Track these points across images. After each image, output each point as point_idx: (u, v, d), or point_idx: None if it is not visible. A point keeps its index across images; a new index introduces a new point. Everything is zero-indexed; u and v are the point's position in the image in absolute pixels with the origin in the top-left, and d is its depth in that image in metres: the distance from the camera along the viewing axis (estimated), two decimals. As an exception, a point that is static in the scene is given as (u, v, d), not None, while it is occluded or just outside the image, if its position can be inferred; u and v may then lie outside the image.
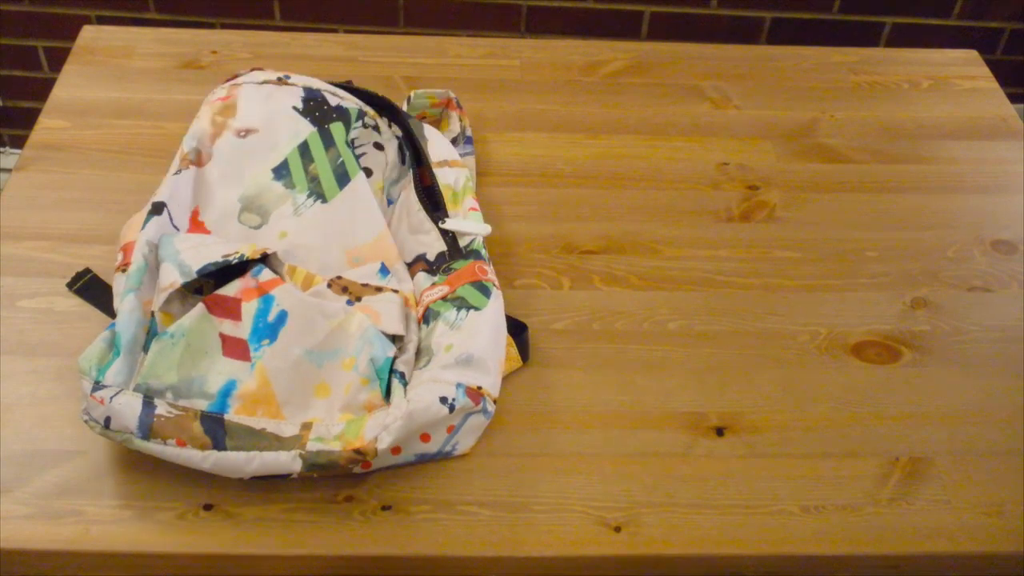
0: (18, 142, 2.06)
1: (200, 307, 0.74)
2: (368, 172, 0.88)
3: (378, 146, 0.89)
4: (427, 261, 0.84)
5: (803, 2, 1.78)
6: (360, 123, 0.89)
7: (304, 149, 0.86)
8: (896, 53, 1.19)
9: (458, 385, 0.73)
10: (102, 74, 1.08)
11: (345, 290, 0.78)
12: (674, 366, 0.83)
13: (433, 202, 0.87)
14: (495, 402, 0.76)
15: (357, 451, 0.70)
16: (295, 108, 0.88)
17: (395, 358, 0.75)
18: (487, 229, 0.85)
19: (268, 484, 0.74)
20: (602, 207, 0.97)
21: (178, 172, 0.84)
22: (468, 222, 0.85)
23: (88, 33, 1.13)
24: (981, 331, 0.88)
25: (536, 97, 1.09)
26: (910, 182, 1.02)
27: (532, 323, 0.86)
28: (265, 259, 0.79)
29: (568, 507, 0.74)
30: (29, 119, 2.01)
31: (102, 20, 1.83)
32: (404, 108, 1.00)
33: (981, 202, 1.00)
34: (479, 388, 0.74)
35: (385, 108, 0.91)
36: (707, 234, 0.95)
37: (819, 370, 0.84)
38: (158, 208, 0.80)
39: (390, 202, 0.89)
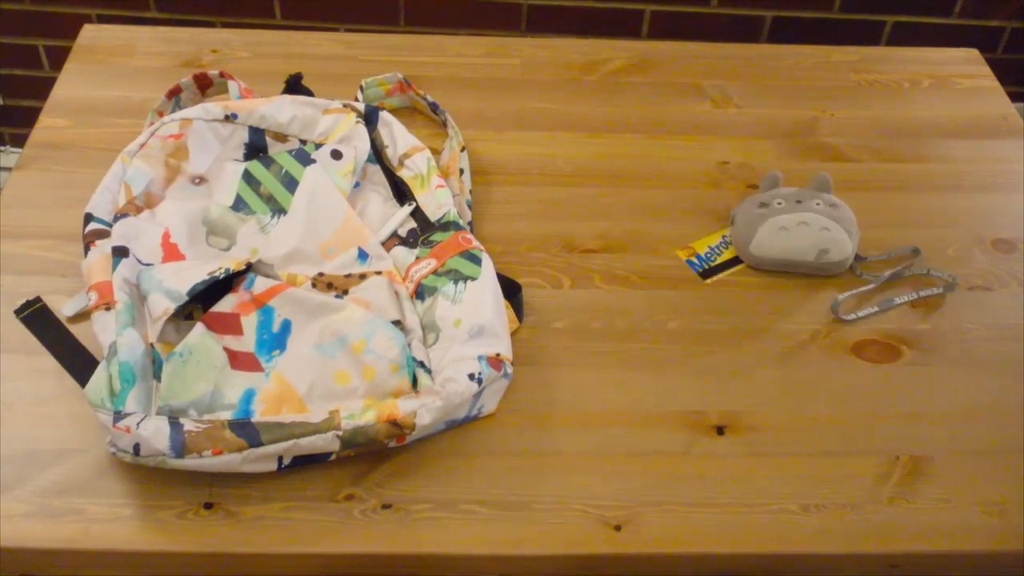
0: (19, 141, 2.06)
1: (200, 326, 0.75)
2: (337, 154, 0.89)
3: (335, 154, 0.90)
4: (399, 236, 0.87)
5: (804, 1, 1.78)
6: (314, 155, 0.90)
7: (249, 178, 0.87)
8: (897, 52, 1.19)
9: (480, 358, 0.76)
10: (103, 73, 1.07)
11: (330, 286, 0.80)
12: (674, 365, 0.83)
13: (399, 193, 0.90)
14: (512, 363, 0.78)
15: (393, 422, 0.71)
16: (236, 160, 0.90)
17: (409, 343, 0.77)
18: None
19: (269, 483, 0.74)
20: (603, 206, 0.97)
21: (124, 216, 0.82)
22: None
23: (89, 32, 1.13)
24: (981, 330, 0.88)
25: (536, 96, 1.09)
26: (910, 181, 1.02)
27: (533, 321, 0.86)
28: (250, 268, 0.80)
29: (568, 506, 0.74)
30: (30, 118, 2.01)
31: (103, 19, 1.83)
32: (360, 96, 1.02)
33: (981, 201, 1.00)
34: (497, 355, 0.77)
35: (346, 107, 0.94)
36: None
37: (820, 369, 0.84)
38: (122, 251, 0.80)
39: (356, 185, 0.90)
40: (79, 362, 0.79)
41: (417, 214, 0.88)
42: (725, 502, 0.74)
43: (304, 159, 0.88)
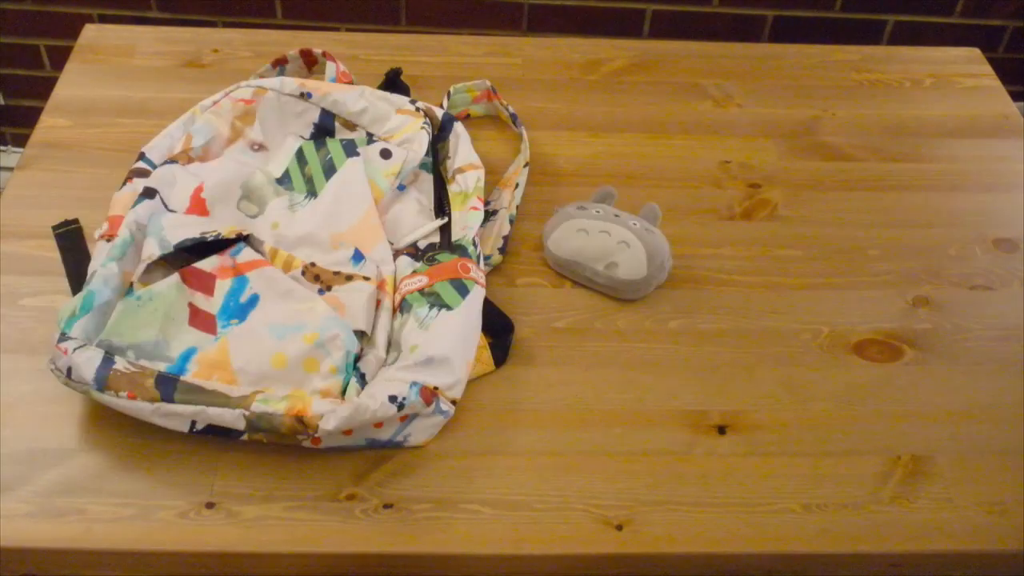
0: (20, 141, 2.06)
1: (175, 276, 0.77)
2: (386, 154, 0.90)
3: (385, 153, 0.90)
4: (417, 248, 0.86)
5: (805, 0, 1.78)
6: (362, 149, 0.90)
7: (300, 156, 0.89)
8: (898, 51, 1.19)
9: (412, 384, 0.74)
10: (104, 73, 1.08)
11: (317, 278, 0.81)
12: (676, 364, 0.83)
13: (441, 207, 0.90)
14: (454, 402, 0.77)
15: (299, 419, 0.71)
16: (302, 137, 0.92)
17: (359, 356, 0.76)
18: (432, 226, 0.87)
19: (270, 482, 0.74)
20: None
21: (174, 162, 0.87)
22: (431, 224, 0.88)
23: (90, 32, 1.13)
24: (983, 329, 0.88)
25: (538, 95, 1.09)
26: (912, 180, 1.02)
27: (534, 321, 0.85)
28: (246, 239, 0.81)
29: (570, 505, 0.74)
30: (31, 118, 2.01)
31: (104, 19, 1.83)
32: (445, 103, 1.02)
33: (983, 200, 1.00)
34: (435, 388, 0.75)
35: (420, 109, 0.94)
36: (709, 232, 0.95)
37: (821, 368, 0.84)
38: (150, 192, 0.83)
39: (401, 187, 0.90)
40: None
41: (445, 231, 0.88)
42: (727, 502, 0.74)
43: (351, 150, 0.89)
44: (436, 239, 0.87)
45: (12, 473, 0.73)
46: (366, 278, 0.80)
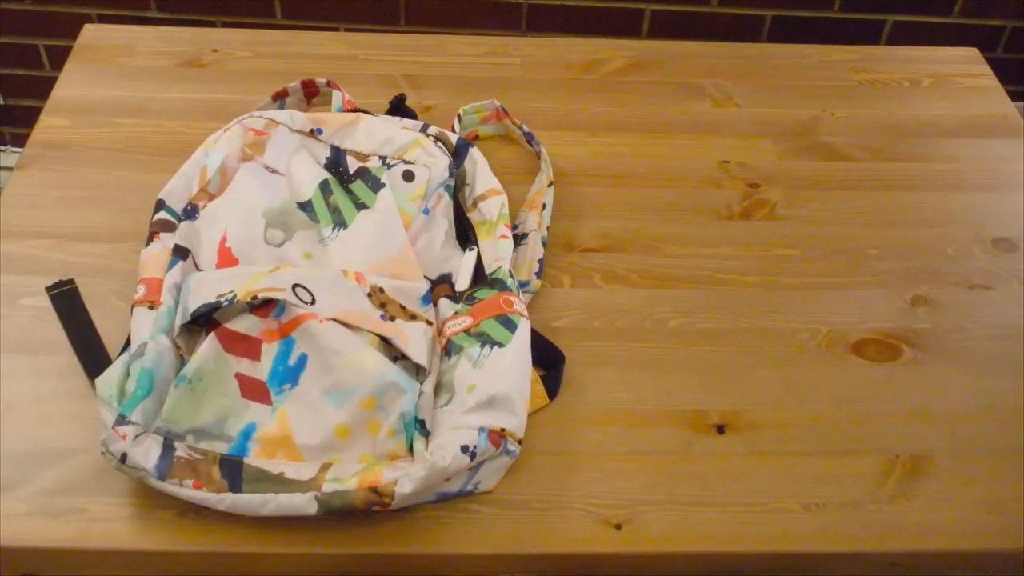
0: (19, 141, 2.06)
1: (213, 345, 0.72)
2: (409, 176, 0.87)
3: (408, 175, 0.88)
4: (451, 285, 0.83)
5: (804, 0, 1.78)
6: (385, 178, 0.88)
7: (324, 186, 0.86)
8: (897, 51, 1.19)
9: (480, 430, 0.71)
10: (103, 73, 1.08)
11: (383, 306, 0.78)
12: (675, 364, 0.83)
13: (464, 235, 0.88)
14: (520, 442, 0.74)
15: (374, 489, 0.68)
16: (317, 164, 0.89)
17: (417, 402, 0.73)
18: (472, 257, 0.85)
19: (269, 482, 0.74)
20: (603, 205, 0.97)
21: (193, 209, 0.83)
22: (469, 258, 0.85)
23: (89, 32, 1.13)
24: (981, 329, 0.88)
25: (537, 95, 1.09)
26: (911, 180, 1.02)
27: (533, 321, 0.85)
28: (267, 302, 0.76)
29: (569, 505, 0.74)
30: (30, 118, 2.01)
31: (103, 19, 1.83)
32: (456, 126, 0.99)
33: (982, 200, 1.00)
34: (502, 430, 0.73)
35: (433, 136, 0.92)
36: (708, 232, 0.95)
37: (820, 368, 0.84)
38: (182, 252, 0.79)
39: (425, 211, 0.87)
40: (92, 353, 0.79)
41: (476, 263, 0.86)
42: (725, 501, 0.74)
43: (376, 186, 0.86)
44: (468, 274, 0.85)
45: (11, 473, 0.73)
46: (429, 322, 0.78)
